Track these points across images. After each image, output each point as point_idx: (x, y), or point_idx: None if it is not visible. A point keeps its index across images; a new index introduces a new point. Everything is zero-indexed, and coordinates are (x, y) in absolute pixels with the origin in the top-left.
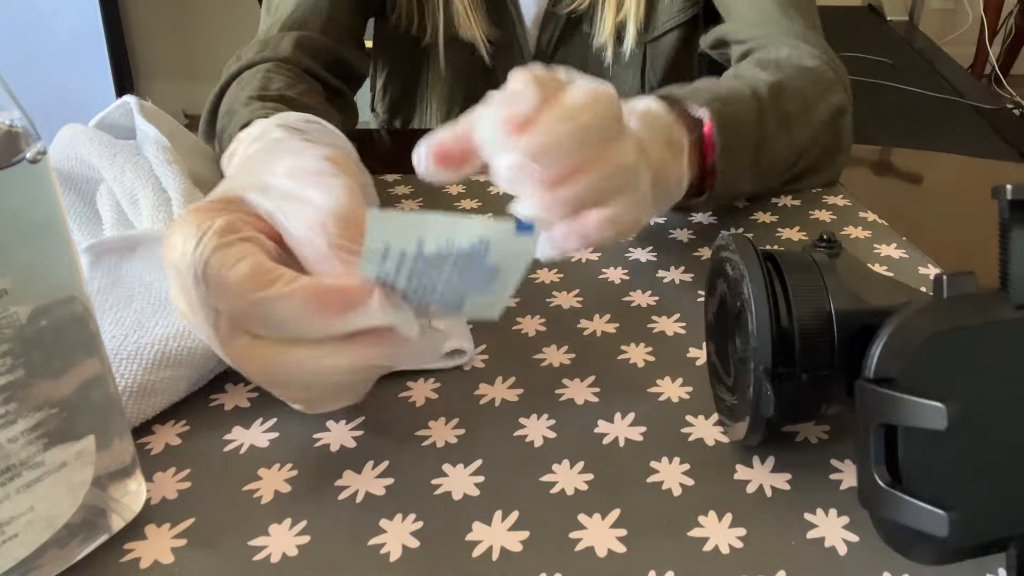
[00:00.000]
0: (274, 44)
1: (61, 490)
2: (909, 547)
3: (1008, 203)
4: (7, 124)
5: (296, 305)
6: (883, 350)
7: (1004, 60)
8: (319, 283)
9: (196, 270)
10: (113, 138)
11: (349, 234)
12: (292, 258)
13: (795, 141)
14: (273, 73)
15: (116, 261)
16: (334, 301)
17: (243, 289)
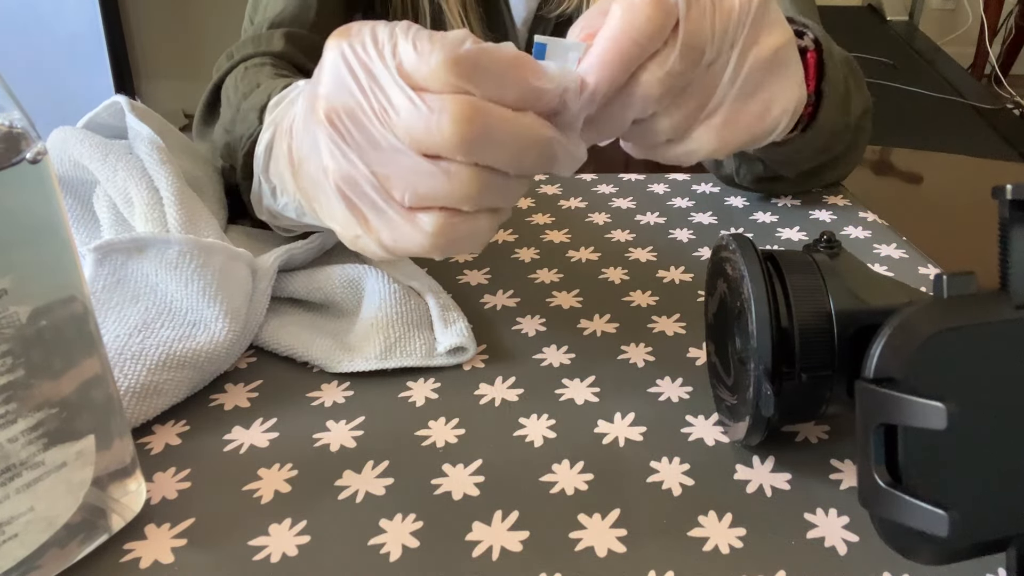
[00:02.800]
0: (266, 40)
1: (61, 490)
2: (909, 547)
3: (1008, 203)
4: (7, 124)
5: (506, 59)
6: (883, 350)
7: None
8: (515, 50)
9: (401, 48)
10: (104, 138)
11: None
12: None
13: (847, 119)
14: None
15: (122, 261)
16: (532, 64)
17: (462, 40)
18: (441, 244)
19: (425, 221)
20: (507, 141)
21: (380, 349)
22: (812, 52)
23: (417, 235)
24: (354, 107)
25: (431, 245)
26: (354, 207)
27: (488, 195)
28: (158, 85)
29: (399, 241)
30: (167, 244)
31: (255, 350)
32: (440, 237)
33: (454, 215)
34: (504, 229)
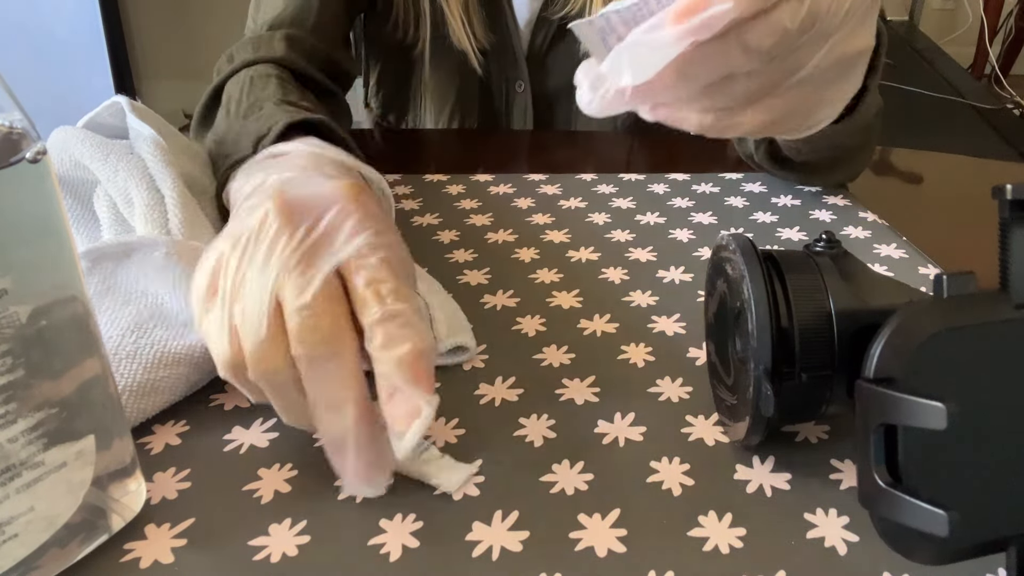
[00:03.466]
0: (266, 43)
1: (61, 490)
2: (909, 547)
3: (1008, 203)
4: (7, 124)
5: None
6: (883, 350)
7: (1004, 60)
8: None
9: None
10: (105, 138)
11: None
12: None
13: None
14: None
15: (112, 268)
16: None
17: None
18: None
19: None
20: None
21: None
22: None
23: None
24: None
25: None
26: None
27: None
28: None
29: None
30: (153, 247)
31: None
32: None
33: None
34: (504, 229)
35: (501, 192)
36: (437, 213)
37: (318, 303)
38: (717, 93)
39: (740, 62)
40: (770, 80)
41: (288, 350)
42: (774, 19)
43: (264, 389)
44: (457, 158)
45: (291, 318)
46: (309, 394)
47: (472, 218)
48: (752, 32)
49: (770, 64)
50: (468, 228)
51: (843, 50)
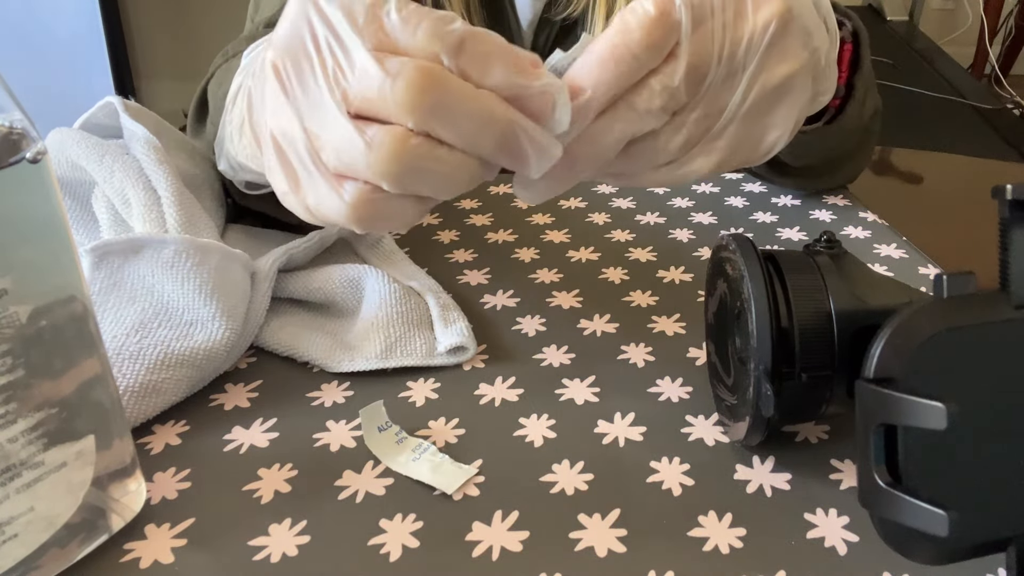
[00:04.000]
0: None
1: (61, 490)
2: (909, 547)
3: (1008, 203)
4: (7, 124)
5: (493, 46)
6: (883, 350)
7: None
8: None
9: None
10: (100, 139)
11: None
12: None
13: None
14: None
15: (119, 264)
16: (520, 58)
17: (451, 19)
18: (359, 217)
19: (348, 190)
20: (462, 115)
21: (380, 349)
22: (848, 44)
23: (337, 203)
24: (303, 62)
25: (349, 216)
26: (287, 163)
27: (415, 178)
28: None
29: (320, 206)
30: (163, 244)
31: (255, 350)
32: (358, 210)
33: (375, 191)
34: (504, 229)
35: (501, 192)
36: (437, 213)
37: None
38: (650, 152)
39: (643, 123)
40: (698, 128)
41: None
42: (652, 84)
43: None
44: None
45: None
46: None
47: (472, 218)
48: (638, 97)
49: (690, 115)
50: (468, 228)
51: (765, 80)
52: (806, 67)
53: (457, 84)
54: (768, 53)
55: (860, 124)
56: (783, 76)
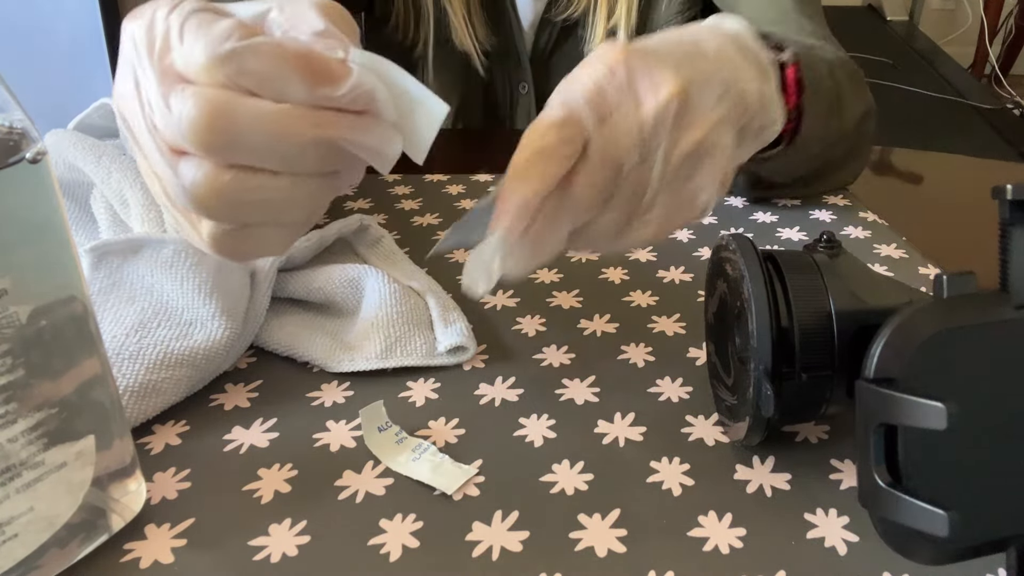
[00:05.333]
0: None
1: (61, 490)
2: (909, 547)
3: (1008, 203)
4: (7, 124)
5: (279, 58)
6: (883, 350)
7: (1004, 60)
8: (305, 45)
9: (170, 25)
10: (97, 140)
11: (339, 25)
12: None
13: (843, 126)
14: None
15: (118, 263)
16: (317, 64)
17: (228, 35)
18: (224, 253)
19: (203, 229)
20: (263, 141)
21: (380, 349)
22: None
23: (199, 240)
24: (130, 101)
25: (214, 251)
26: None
27: (245, 211)
28: None
29: (193, 241)
30: (162, 244)
31: (255, 350)
32: (215, 247)
33: (223, 228)
34: None
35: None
36: (437, 213)
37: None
38: (591, 235)
39: (579, 217)
40: (628, 206)
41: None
42: (577, 182)
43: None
44: (458, 159)
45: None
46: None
47: None
48: (568, 199)
49: (618, 197)
50: None
51: (679, 151)
52: (724, 120)
53: (247, 109)
54: (675, 126)
55: (841, 132)
56: (694, 142)
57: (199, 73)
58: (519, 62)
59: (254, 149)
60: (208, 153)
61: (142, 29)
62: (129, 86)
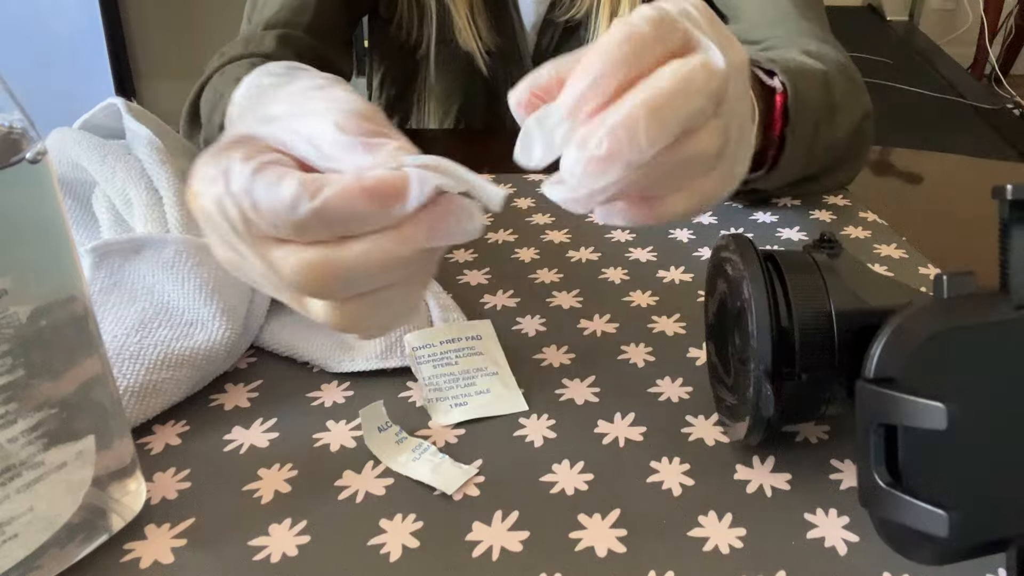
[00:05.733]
0: (258, 41)
1: (61, 490)
2: (909, 547)
3: (1008, 203)
4: (7, 124)
5: (349, 201)
6: (883, 350)
7: (1004, 60)
8: (363, 175)
9: (241, 202)
10: (102, 139)
11: (367, 126)
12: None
13: (835, 135)
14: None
15: (120, 263)
16: (383, 188)
17: (296, 202)
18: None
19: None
20: (364, 276)
21: (380, 349)
22: (780, 95)
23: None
24: (237, 266)
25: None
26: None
27: (371, 316)
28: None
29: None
30: (163, 244)
31: (255, 350)
32: (365, 337)
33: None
34: (504, 229)
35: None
36: None
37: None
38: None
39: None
40: (714, 148)
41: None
42: (708, 136)
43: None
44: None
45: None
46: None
47: None
48: (699, 144)
49: (704, 136)
50: None
51: (744, 115)
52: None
53: (343, 258)
54: (746, 87)
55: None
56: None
57: (291, 236)
58: (521, 62)
59: (363, 283)
60: (326, 299)
61: (213, 207)
62: (230, 254)
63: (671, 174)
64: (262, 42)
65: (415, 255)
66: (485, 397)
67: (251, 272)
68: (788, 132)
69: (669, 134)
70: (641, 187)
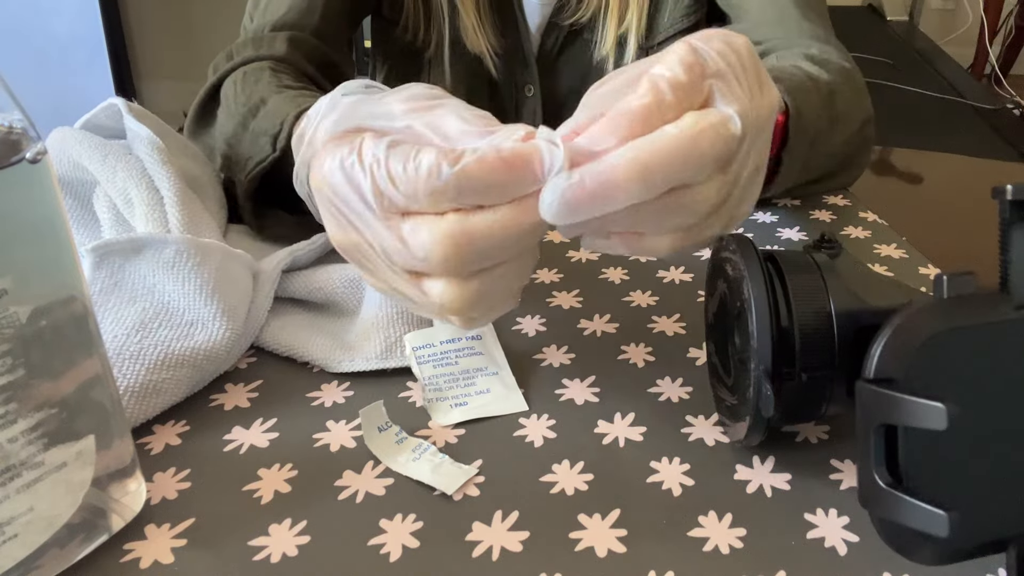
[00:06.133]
0: (268, 43)
1: (61, 490)
2: (909, 547)
3: (1008, 203)
4: (7, 124)
5: (487, 171)
6: (883, 350)
7: (1004, 60)
8: (499, 146)
9: (376, 175)
10: (103, 139)
11: (486, 120)
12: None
13: (835, 142)
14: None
15: (120, 263)
16: (517, 158)
17: (437, 170)
18: (474, 327)
19: (454, 320)
20: (497, 246)
21: (380, 349)
22: (782, 115)
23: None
24: (358, 246)
25: (468, 328)
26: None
27: (486, 300)
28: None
29: (421, 311)
30: (164, 244)
31: (255, 350)
32: (469, 326)
33: (466, 318)
34: None
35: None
36: None
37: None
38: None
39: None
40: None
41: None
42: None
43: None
44: None
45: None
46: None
47: None
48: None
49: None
50: None
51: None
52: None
53: (479, 227)
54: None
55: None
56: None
57: (424, 206)
58: (526, 64)
59: (493, 255)
60: (455, 275)
61: (341, 183)
62: (350, 235)
63: (657, 218)
64: (273, 44)
65: (536, 227)
66: (485, 397)
67: (370, 254)
68: (785, 154)
69: (652, 192)
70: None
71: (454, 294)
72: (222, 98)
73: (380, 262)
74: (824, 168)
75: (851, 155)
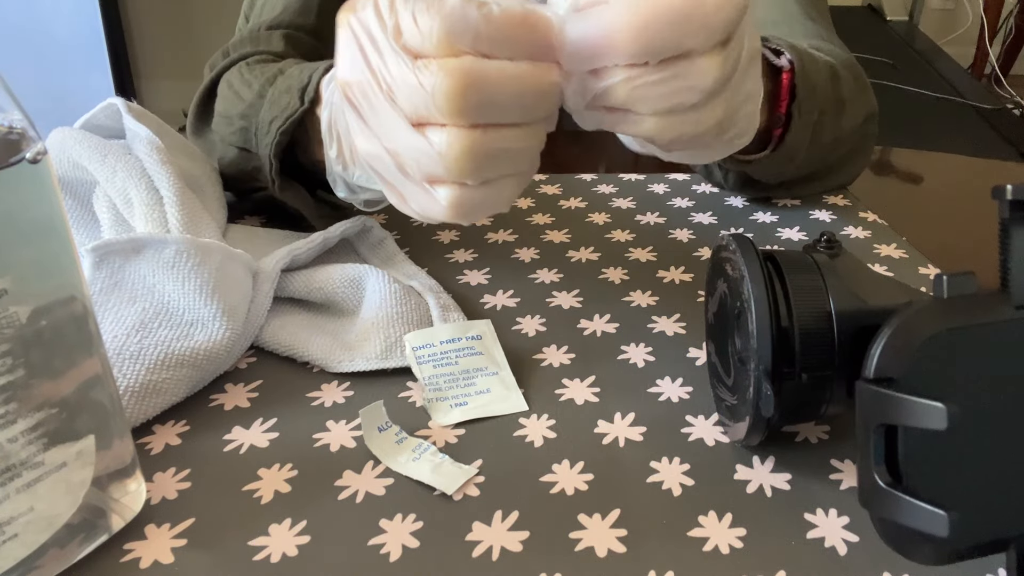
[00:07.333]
0: (265, 40)
1: (61, 490)
2: (909, 547)
3: (1008, 203)
4: (7, 124)
5: (508, 23)
6: (883, 350)
7: (1004, 60)
8: (522, 7)
9: (399, 11)
10: (102, 139)
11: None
12: None
13: (841, 128)
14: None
15: (120, 263)
16: (537, 20)
17: (460, 9)
18: (460, 215)
19: (441, 195)
20: (510, 99)
21: (380, 349)
22: (787, 73)
23: (436, 207)
24: (364, 84)
25: (450, 216)
26: (384, 180)
27: (492, 165)
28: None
29: (426, 211)
30: (164, 244)
31: (255, 350)
32: (456, 209)
33: (464, 187)
34: (504, 229)
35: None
36: None
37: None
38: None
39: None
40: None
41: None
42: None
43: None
44: None
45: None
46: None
47: None
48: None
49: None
50: (468, 228)
51: (749, 48)
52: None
53: (494, 72)
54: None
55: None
56: (756, 48)
57: (440, 47)
58: None
59: (502, 106)
60: (460, 118)
61: (370, 17)
62: (359, 71)
63: (655, 90)
64: (270, 41)
65: (542, 101)
66: (485, 397)
67: (375, 99)
68: (794, 108)
69: (654, 54)
70: (620, 96)
71: (457, 141)
72: (223, 89)
73: (384, 106)
74: (830, 156)
75: (855, 147)
